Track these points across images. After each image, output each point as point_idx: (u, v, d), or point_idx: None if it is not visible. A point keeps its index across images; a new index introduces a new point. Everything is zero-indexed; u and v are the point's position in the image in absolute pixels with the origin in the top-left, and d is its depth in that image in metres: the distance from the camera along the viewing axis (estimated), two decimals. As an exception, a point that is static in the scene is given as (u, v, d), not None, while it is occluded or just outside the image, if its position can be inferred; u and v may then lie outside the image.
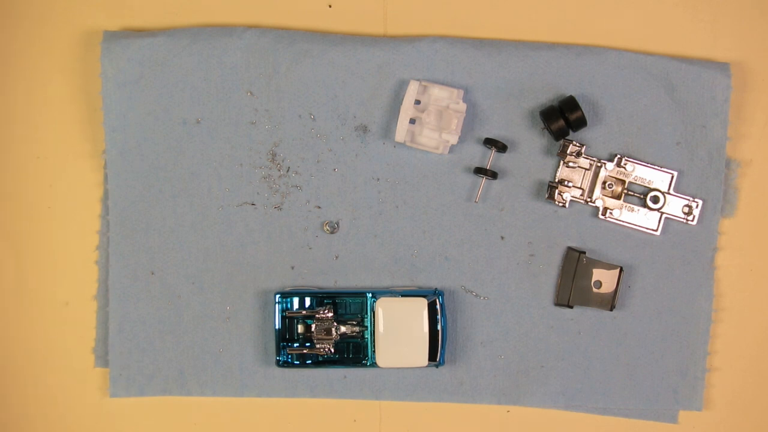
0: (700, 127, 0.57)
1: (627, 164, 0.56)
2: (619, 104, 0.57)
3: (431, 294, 0.56)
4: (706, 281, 0.57)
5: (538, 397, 0.57)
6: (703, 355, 0.57)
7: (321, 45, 0.57)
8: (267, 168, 0.57)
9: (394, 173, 0.57)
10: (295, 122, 0.57)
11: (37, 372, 0.59)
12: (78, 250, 0.59)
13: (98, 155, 0.59)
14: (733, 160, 0.58)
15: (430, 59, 0.57)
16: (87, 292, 0.59)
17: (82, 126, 0.59)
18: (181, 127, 0.57)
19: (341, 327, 0.56)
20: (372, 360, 0.55)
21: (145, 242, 0.57)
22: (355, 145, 0.57)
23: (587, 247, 0.57)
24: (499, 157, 0.57)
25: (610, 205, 0.57)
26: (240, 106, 0.57)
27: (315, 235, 0.57)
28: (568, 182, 0.56)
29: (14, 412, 0.60)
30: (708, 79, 0.56)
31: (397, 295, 0.55)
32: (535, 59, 0.57)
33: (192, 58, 0.57)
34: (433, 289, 0.56)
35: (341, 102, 0.57)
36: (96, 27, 0.59)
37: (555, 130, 0.55)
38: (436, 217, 0.57)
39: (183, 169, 0.57)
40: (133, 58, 0.57)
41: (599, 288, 0.57)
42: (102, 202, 0.59)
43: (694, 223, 0.57)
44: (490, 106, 0.57)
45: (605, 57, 0.57)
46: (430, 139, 0.55)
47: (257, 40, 0.57)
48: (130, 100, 0.57)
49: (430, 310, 0.55)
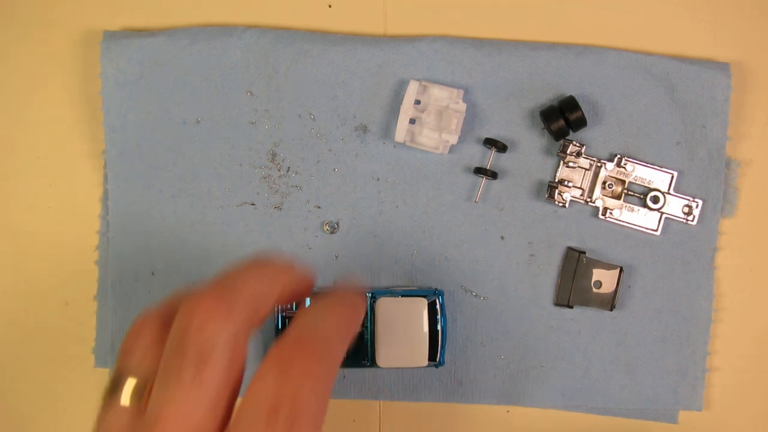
0: (700, 127, 0.57)
1: (627, 164, 0.56)
2: (619, 104, 0.57)
3: (431, 294, 0.56)
4: (706, 281, 0.57)
5: (538, 397, 0.57)
6: (703, 355, 0.57)
7: (321, 45, 0.57)
8: (267, 168, 0.57)
9: (394, 173, 0.57)
10: (295, 122, 0.57)
11: (36, 372, 0.59)
12: (78, 250, 0.59)
13: (98, 155, 0.59)
14: (733, 160, 0.58)
15: (430, 59, 0.57)
16: (87, 292, 0.59)
17: (82, 126, 0.59)
18: (181, 127, 0.57)
19: (341, 327, 0.56)
20: (371, 360, 0.55)
21: (145, 242, 0.57)
22: (355, 145, 0.57)
23: (587, 247, 0.57)
24: (499, 157, 0.57)
25: (610, 205, 0.57)
26: (240, 106, 0.57)
27: (315, 235, 0.57)
28: (568, 182, 0.56)
29: (14, 412, 0.60)
30: (708, 79, 0.56)
31: (397, 295, 0.55)
32: (535, 59, 0.57)
33: (192, 58, 0.57)
34: (433, 289, 0.56)
35: (341, 102, 0.57)
36: (96, 27, 0.59)
37: (555, 130, 0.55)
38: (436, 217, 0.57)
39: (183, 169, 0.57)
40: (133, 58, 0.57)
41: (599, 288, 0.57)
42: (102, 202, 0.59)
43: (694, 223, 0.57)
44: (490, 106, 0.57)
45: (605, 57, 0.57)
46: (430, 139, 0.55)
47: (257, 40, 0.57)
48: (130, 100, 0.57)
49: (430, 310, 0.55)
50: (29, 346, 0.59)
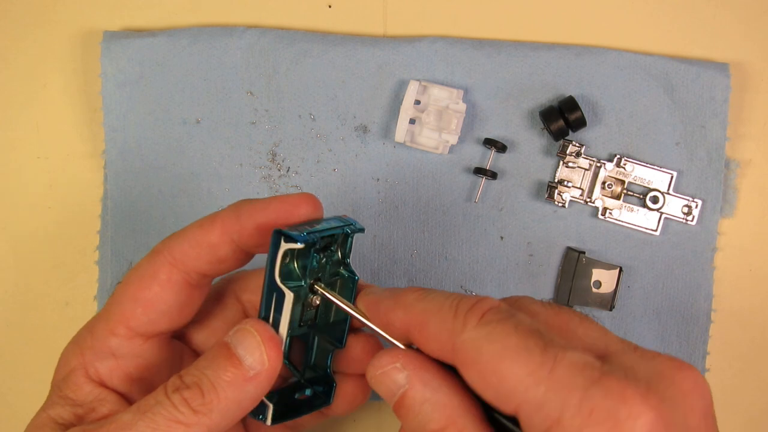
0: (699, 127, 0.57)
1: (626, 164, 0.57)
2: (618, 104, 0.57)
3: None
4: (705, 281, 0.57)
5: (537, 397, 0.57)
6: (702, 354, 0.57)
7: (321, 45, 0.57)
8: (267, 168, 0.57)
9: (394, 173, 0.57)
10: (295, 122, 0.57)
11: (37, 372, 0.59)
12: (78, 250, 0.59)
13: (98, 155, 0.59)
14: (733, 161, 0.58)
15: (430, 59, 0.57)
16: (87, 292, 0.59)
17: (82, 126, 0.59)
18: (181, 127, 0.57)
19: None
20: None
21: (145, 242, 0.57)
22: (355, 145, 0.57)
23: (587, 247, 0.57)
24: (498, 157, 0.57)
25: (609, 205, 0.57)
26: (240, 106, 0.57)
27: (315, 235, 0.57)
28: (567, 182, 0.56)
29: (14, 412, 0.60)
30: (707, 80, 0.56)
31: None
32: (534, 59, 0.57)
33: (192, 58, 0.57)
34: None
35: (341, 102, 0.57)
36: (96, 27, 0.59)
37: (555, 130, 0.55)
38: (435, 217, 0.57)
39: (183, 169, 0.57)
40: (133, 58, 0.57)
41: (599, 288, 0.57)
42: (102, 202, 0.59)
43: (693, 223, 0.57)
44: (489, 106, 0.57)
45: (605, 57, 0.57)
46: (430, 139, 0.55)
47: (257, 40, 0.57)
48: (130, 100, 0.57)
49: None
50: (29, 346, 0.59)
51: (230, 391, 0.38)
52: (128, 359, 0.42)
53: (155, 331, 0.42)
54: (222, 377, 0.38)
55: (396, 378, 0.36)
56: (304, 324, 0.42)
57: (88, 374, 0.42)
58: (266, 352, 0.39)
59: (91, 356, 0.42)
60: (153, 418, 0.37)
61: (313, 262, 0.41)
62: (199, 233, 0.42)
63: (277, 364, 0.39)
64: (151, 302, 0.41)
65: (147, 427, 0.36)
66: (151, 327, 0.42)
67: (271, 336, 0.39)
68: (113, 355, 0.42)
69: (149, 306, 0.41)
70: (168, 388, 0.38)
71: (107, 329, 0.42)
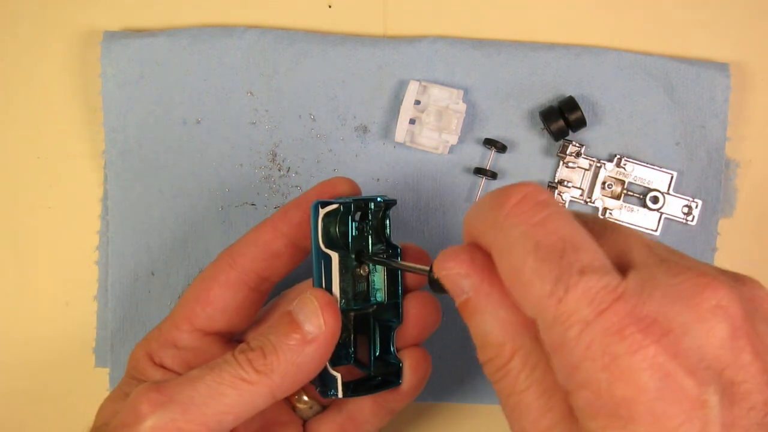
0: (699, 127, 0.57)
1: (626, 164, 0.57)
2: (618, 104, 0.57)
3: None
4: (705, 281, 0.57)
5: (537, 397, 0.57)
6: (702, 355, 0.57)
7: (321, 45, 0.57)
8: (267, 168, 0.57)
9: (394, 173, 0.57)
10: (295, 122, 0.57)
11: (37, 372, 0.59)
12: (78, 250, 0.59)
13: (98, 155, 0.59)
14: (733, 161, 0.58)
15: (430, 59, 0.57)
16: (87, 292, 0.59)
17: (82, 126, 0.59)
18: (181, 127, 0.57)
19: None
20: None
21: (145, 242, 0.57)
22: (355, 145, 0.57)
23: (587, 247, 0.57)
24: (498, 157, 0.57)
25: (609, 206, 0.57)
26: (240, 106, 0.57)
27: (315, 235, 0.57)
28: (567, 182, 0.56)
29: (14, 412, 0.60)
30: (707, 80, 0.56)
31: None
32: (534, 60, 0.57)
33: (192, 58, 0.57)
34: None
35: (341, 102, 0.57)
36: (96, 27, 0.59)
37: (555, 131, 0.55)
38: (435, 217, 0.57)
39: (183, 169, 0.57)
40: (133, 58, 0.57)
41: (599, 288, 0.57)
42: (102, 202, 0.59)
43: (693, 223, 0.57)
44: (489, 107, 0.57)
45: (605, 57, 0.57)
46: (430, 139, 0.55)
47: (257, 40, 0.57)
48: (130, 100, 0.57)
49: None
50: (29, 346, 0.59)
51: (290, 354, 0.41)
52: (189, 351, 0.47)
53: (214, 328, 0.47)
54: (283, 341, 0.42)
55: (460, 283, 0.37)
56: (359, 297, 0.45)
57: (153, 360, 0.47)
58: (323, 316, 0.42)
59: (156, 346, 0.47)
60: (219, 373, 0.41)
61: (353, 231, 0.45)
62: (253, 234, 0.47)
63: (335, 328, 0.42)
64: (210, 301, 0.47)
65: (213, 381, 0.41)
66: (209, 323, 0.47)
67: (328, 302, 0.43)
68: (175, 346, 0.47)
69: (208, 304, 0.47)
70: (236, 351, 0.42)
71: (172, 325, 0.47)
